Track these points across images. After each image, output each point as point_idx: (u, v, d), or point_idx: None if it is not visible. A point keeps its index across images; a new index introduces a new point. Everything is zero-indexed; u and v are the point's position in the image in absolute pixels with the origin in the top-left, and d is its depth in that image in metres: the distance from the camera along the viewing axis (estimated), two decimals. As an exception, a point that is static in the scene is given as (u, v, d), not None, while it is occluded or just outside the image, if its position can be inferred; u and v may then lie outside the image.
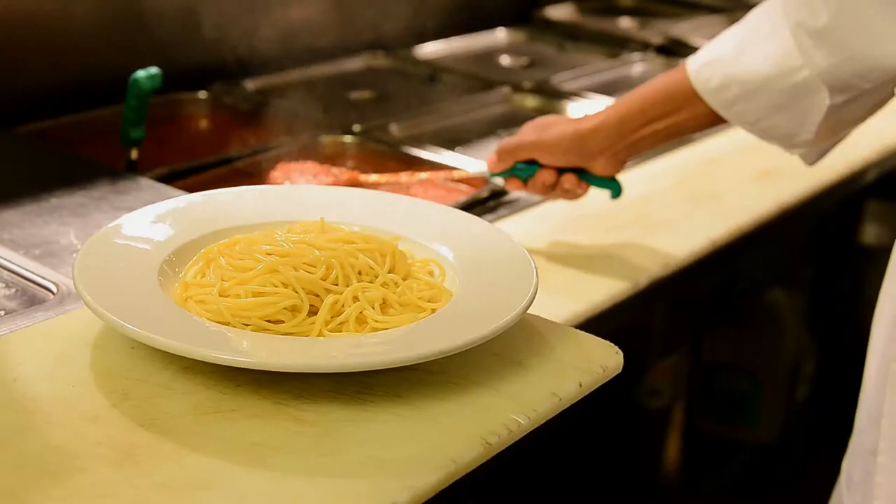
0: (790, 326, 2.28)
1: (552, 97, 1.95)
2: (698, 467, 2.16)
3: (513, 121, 1.85)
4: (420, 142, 1.69)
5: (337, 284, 0.93)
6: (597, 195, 1.47)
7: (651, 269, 1.35)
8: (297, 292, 0.91)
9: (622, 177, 1.36)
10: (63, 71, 1.70)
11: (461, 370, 0.91)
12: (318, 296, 0.93)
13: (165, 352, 0.88)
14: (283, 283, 0.92)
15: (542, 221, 1.47)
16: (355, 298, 0.93)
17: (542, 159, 1.31)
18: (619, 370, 0.95)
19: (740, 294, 2.09)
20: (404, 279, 0.97)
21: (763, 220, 1.53)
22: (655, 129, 1.27)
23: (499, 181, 1.38)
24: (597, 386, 0.93)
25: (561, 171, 1.31)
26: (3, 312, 1.01)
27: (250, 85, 1.87)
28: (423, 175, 1.42)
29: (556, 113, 1.90)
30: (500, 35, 2.34)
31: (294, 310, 0.91)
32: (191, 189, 1.39)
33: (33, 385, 0.88)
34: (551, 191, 1.33)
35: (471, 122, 1.84)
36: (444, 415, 0.86)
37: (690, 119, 1.26)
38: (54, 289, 1.03)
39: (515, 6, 2.45)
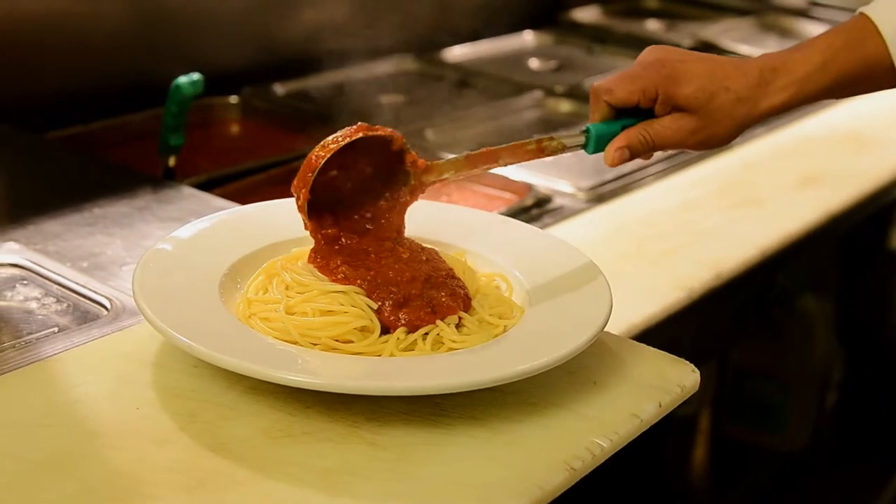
0: (820, 333, 2.25)
1: (585, 101, 1.91)
2: (726, 474, 2.13)
3: (548, 125, 1.82)
4: (457, 147, 1.65)
5: (406, 301, 0.90)
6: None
7: (703, 278, 1.32)
8: (365, 311, 0.88)
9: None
10: (92, 76, 1.67)
11: (537, 390, 0.87)
12: (386, 313, 0.89)
13: (229, 371, 0.85)
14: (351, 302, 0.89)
15: (586, 229, 1.44)
16: (427, 317, 0.89)
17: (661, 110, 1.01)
18: (696, 389, 0.92)
19: (774, 301, 2.06)
20: (474, 296, 0.94)
21: (812, 228, 1.50)
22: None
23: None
24: (675, 406, 0.90)
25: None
26: (56, 329, 0.97)
27: (280, 89, 1.84)
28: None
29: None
30: (528, 38, 2.31)
31: (364, 329, 0.88)
32: (230, 196, 1.36)
33: (95, 406, 0.85)
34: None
35: (506, 127, 1.81)
36: (523, 438, 0.83)
37: (872, 89, 1.07)
38: (108, 304, 1.00)
39: (540, 8, 2.42)
